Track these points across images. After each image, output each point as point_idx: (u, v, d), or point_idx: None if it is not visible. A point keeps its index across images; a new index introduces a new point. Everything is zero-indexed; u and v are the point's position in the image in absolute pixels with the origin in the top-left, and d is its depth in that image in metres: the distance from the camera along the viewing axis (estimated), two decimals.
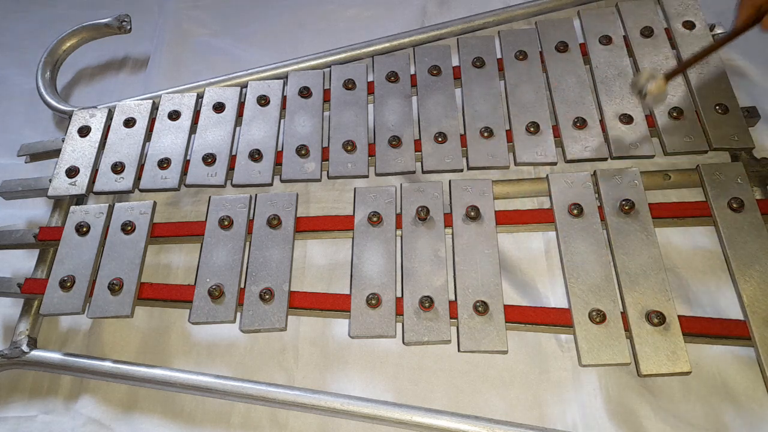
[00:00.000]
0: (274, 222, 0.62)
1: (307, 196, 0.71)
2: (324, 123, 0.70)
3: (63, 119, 0.77)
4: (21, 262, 0.69)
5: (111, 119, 0.73)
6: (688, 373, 0.52)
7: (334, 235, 0.63)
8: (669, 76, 0.57)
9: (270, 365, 0.61)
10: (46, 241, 0.65)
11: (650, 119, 0.65)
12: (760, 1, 0.51)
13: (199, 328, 0.63)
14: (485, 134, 0.66)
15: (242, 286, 0.59)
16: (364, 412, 0.55)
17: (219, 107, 0.71)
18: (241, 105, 0.72)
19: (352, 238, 0.61)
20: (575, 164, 0.65)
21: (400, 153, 0.66)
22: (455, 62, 0.73)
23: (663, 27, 0.72)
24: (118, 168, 0.68)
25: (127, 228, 0.63)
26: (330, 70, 0.74)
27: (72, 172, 0.68)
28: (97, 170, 0.69)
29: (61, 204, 0.70)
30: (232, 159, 0.68)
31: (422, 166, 0.66)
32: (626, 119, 0.65)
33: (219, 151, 0.68)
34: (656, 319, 0.53)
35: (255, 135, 0.69)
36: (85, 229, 0.63)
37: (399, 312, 0.57)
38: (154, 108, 0.73)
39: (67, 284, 0.60)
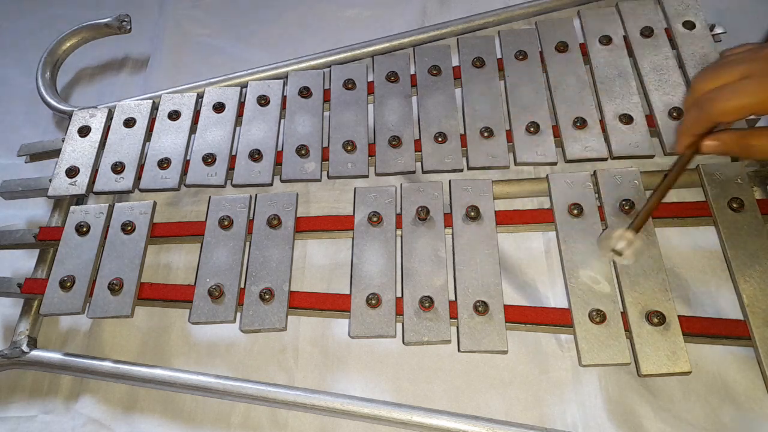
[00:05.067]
0: (274, 222, 0.62)
1: (307, 196, 0.71)
2: (324, 123, 0.70)
3: (63, 119, 0.77)
4: (21, 262, 0.69)
5: (111, 119, 0.73)
6: (688, 373, 0.52)
7: (334, 235, 0.63)
8: (638, 228, 0.53)
9: (270, 365, 0.61)
10: (46, 241, 0.65)
11: (650, 119, 0.65)
12: (703, 131, 0.52)
13: (199, 328, 0.63)
14: (485, 134, 0.66)
15: (242, 286, 0.59)
16: (364, 412, 0.55)
17: (219, 107, 0.71)
18: (241, 105, 0.72)
19: (352, 238, 0.61)
20: (575, 164, 0.65)
21: (400, 153, 0.66)
22: (455, 62, 0.73)
23: (663, 27, 0.72)
24: (118, 168, 0.68)
25: (127, 228, 0.63)
26: (330, 70, 0.74)
27: (72, 172, 0.68)
28: (97, 170, 0.68)
29: (61, 204, 0.70)
30: (232, 159, 0.68)
31: (422, 166, 0.66)
32: (626, 119, 0.65)
33: (219, 151, 0.68)
34: (656, 319, 0.53)
35: (255, 135, 0.69)
36: (85, 229, 0.63)
37: (399, 312, 0.57)
38: (154, 108, 0.73)
39: (67, 284, 0.60)
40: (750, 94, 0.48)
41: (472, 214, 0.60)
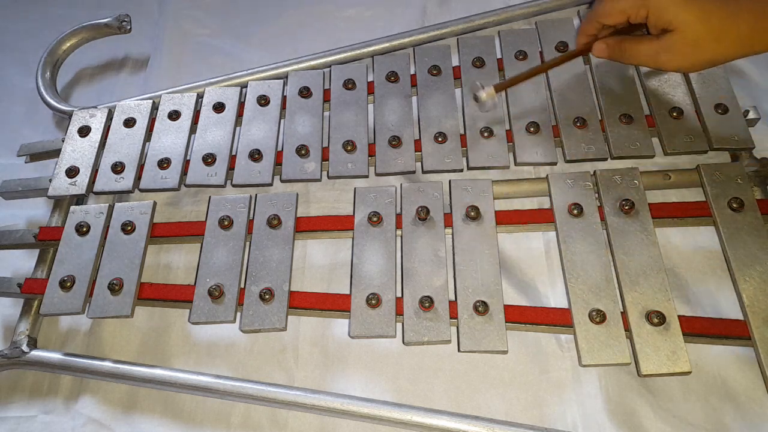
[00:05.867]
0: (274, 222, 0.62)
1: (307, 196, 0.71)
2: (324, 123, 0.70)
3: (63, 119, 0.77)
4: (21, 262, 0.69)
5: (111, 119, 0.73)
6: (688, 373, 0.52)
7: (334, 235, 0.63)
8: (498, 88, 0.62)
9: (270, 365, 0.61)
10: (46, 241, 0.65)
11: (650, 119, 0.65)
12: (594, 32, 0.60)
13: (199, 328, 0.63)
14: (485, 134, 0.66)
15: (242, 286, 0.59)
16: (364, 412, 0.55)
17: (219, 107, 0.71)
18: (241, 105, 0.72)
19: (352, 238, 0.61)
20: (575, 164, 0.65)
21: (400, 153, 0.66)
22: (455, 62, 0.73)
23: None
24: (118, 168, 0.68)
25: (127, 228, 0.63)
26: (330, 70, 0.74)
27: (72, 172, 0.68)
28: (97, 170, 0.69)
29: (61, 204, 0.70)
30: (232, 159, 0.68)
31: (422, 166, 0.66)
32: (626, 119, 0.65)
33: (219, 151, 0.68)
34: (656, 319, 0.53)
35: (255, 135, 0.69)
36: (85, 229, 0.63)
37: (399, 312, 0.57)
38: (154, 108, 0.73)
39: (67, 284, 0.60)
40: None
41: (472, 214, 0.60)
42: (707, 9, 0.53)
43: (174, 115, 0.71)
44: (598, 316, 0.54)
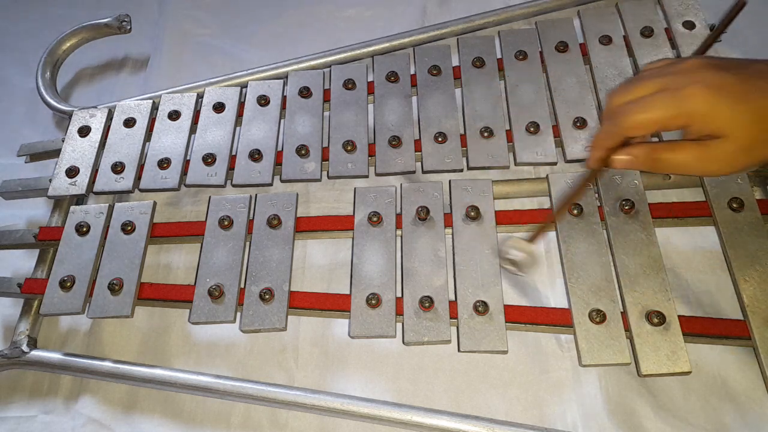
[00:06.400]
0: (274, 222, 0.62)
1: (307, 196, 0.71)
2: (324, 123, 0.70)
3: (63, 119, 0.77)
4: (21, 262, 0.69)
5: (111, 119, 0.73)
6: (688, 373, 0.52)
7: (334, 235, 0.63)
8: (532, 239, 0.53)
9: (270, 365, 0.61)
10: (46, 241, 0.65)
11: None
12: (614, 146, 0.49)
13: (199, 328, 0.63)
14: (485, 134, 0.66)
15: (242, 286, 0.59)
16: (364, 412, 0.55)
17: (219, 107, 0.71)
18: (241, 105, 0.72)
19: (352, 238, 0.61)
20: (575, 164, 0.65)
21: (400, 153, 0.66)
22: (455, 62, 0.73)
23: (663, 27, 0.72)
24: (118, 168, 0.68)
25: (127, 228, 0.63)
26: (330, 70, 0.74)
27: (72, 172, 0.68)
28: (97, 170, 0.68)
29: (61, 204, 0.70)
30: (232, 159, 0.68)
31: (422, 166, 0.66)
32: None
33: (219, 151, 0.68)
34: (656, 319, 0.53)
35: (255, 135, 0.69)
36: (85, 229, 0.63)
37: (399, 312, 0.57)
38: (154, 108, 0.73)
39: (67, 284, 0.60)
40: (660, 108, 0.46)
41: (472, 214, 0.60)
42: (759, 107, 0.44)
43: (174, 115, 0.71)
44: (598, 316, 0.54)
